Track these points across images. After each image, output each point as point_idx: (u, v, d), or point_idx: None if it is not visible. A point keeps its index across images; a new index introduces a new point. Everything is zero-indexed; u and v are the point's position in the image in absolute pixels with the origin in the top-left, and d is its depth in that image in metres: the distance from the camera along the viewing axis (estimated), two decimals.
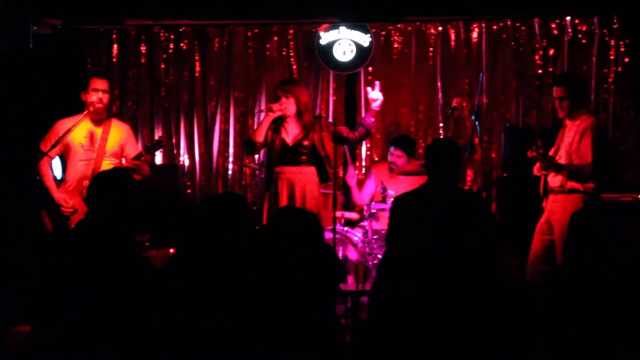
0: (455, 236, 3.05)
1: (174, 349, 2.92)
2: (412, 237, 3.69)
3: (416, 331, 2.62)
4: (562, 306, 3.07)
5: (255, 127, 5.60)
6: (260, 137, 5.38)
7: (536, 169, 5.34)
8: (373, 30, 6.71)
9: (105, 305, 3.08)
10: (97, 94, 5.31)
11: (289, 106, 5.41)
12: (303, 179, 5.46)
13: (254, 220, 3.51)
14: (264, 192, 5.55)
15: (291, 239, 2.93)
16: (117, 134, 5.41)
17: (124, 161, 5.44)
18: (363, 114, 6.42)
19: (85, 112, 5.28)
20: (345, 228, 6.17)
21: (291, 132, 5.45)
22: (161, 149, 5.59)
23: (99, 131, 5.35)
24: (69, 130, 5.26)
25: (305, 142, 5.45)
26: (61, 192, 5.30)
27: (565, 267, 3.29)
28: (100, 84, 5.36)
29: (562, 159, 5.12)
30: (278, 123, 5.45)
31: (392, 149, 6.36)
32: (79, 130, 5.29)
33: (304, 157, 5.47)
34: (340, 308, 5.32)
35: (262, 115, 5.62)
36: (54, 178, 5.40)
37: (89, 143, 5.33)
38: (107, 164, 5.30)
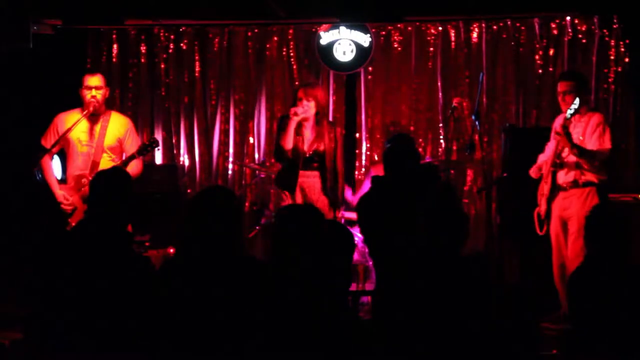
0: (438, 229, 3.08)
1: (173, 347, 2.91)
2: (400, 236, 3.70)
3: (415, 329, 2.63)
4: (582, 305, 3.08)
5: (278, 133, 5.42)
6: (289, 144, 5.30)
7: (535, 171, 5.32)
8: (373, 30, 6.71)
9: (104, 304, 3.07)
10: (90, 91, 5.28)
11: (309, 109, 5.34)
12: (314, 184, 5.44)
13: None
14: (283, 192, 5.47)
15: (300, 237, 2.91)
16: (116, 128, 5.38)
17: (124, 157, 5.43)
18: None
19: (85, 113, 5.26)
20: None
21: (307, 137, 5.41)
22: (157, 149, 5.51)
23: (97, 126, 5.33)
24: (69, 129, 5.24)
25: (321, 148, 5.40)
26: (62, 189, 5.29)
27: (586, 267, 3.29)
28: (92, 80, 5.30)
29: (569, 154, 5.10)
30: (297, 126, 5.39)
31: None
32: (78, 125, 5.27)
33: (315, 163, 5.42)
34: None
35: (285, 119, 5.41)
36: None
37: (88, 138, 5.31)
38: (105, 160, 5.29)
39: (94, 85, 5.30)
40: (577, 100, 4.99)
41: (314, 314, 2.65)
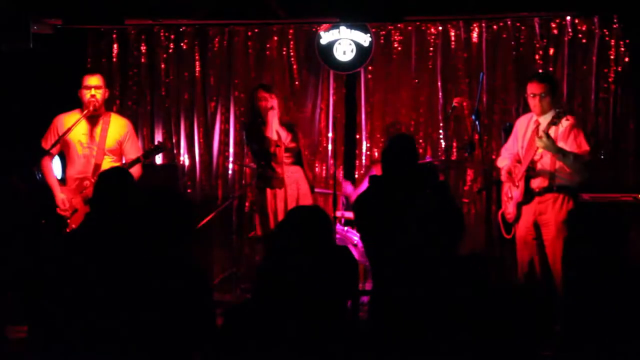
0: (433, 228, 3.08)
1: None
2: (401, 236, 3.69)
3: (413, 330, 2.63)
4: (578, 306, 3.08)
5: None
6: (274, 135, 5.67)
7: (505, 175, 5.32)
8: (373, 30, 6.71)
9: (111, 304, 3.07)
10: (90, 91, 5.29)
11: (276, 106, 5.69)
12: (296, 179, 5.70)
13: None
14: (266, 190, 5.61)
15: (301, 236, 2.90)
16: (116, 130, 5.40)
17: (124, 160, 5.44)
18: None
19: (85, 113, 5.27)
20: (345, 228, 6.17)
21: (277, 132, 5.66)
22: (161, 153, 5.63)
23: (97, 128, 5.34)
24: (68, 130, 5.25)
25: (292, 145, 5.73)
26: (63, 192, 5.29)
27: (580, 269, 3.30)
28: (91, 80, 5.32)
29: (543, 156, 5.10)
30: (263, 124, 5.60)
31: None
32: (78, 127, 5.28)
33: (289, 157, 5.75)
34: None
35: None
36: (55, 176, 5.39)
37: (89, 140, 5.32)
38: (107, 162, 5.30)
39: (94, 85, 5.31)
40: (555, 112, 5.00)
41: (311, 316, 2.65)
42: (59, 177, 5.45)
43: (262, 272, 2.82)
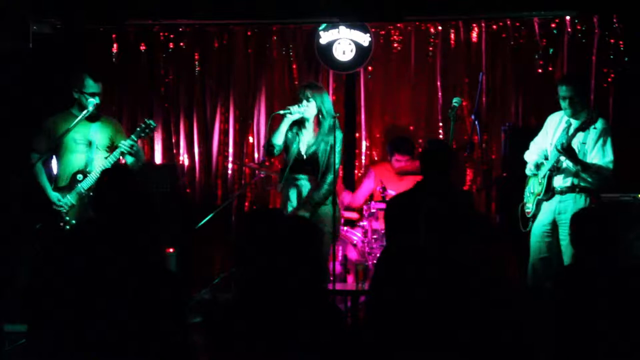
0: (447, 235, 3.08)
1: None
2: (406, 236, 3.70)
3: (410, 331, 2.63)
4: (571, 307, 3.07)
5: (270, 128, 5.25)
6: (279, 139, 5.14)
7: (531, 169, 5.32)
8: (373, 30, 6.71)
9: (111, 306, 3.06)
10: (94, 97, 5.31)
11: (309, 109, 5.14)
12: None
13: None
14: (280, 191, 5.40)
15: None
16: (109, 128, 5.43)
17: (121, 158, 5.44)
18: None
19: (84, 114, 5.27)
20: (345, 228, 6.17)
21: (306, 141, 5.19)
22: (152, 133, 5.58)
23: (91, 127, 5.36)
24: (67, 131, 5.26)
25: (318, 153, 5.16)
26: (55, 190, 5.30)
27: (574, 267, 3.30)
28: (97, 87, 5.33)
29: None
30: (297, 126, 5.21)
31: (396, 155, 6.33)
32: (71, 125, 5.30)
33: (308, 166, 5.19)
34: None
35: (282, 115, 5.21)
36: (50, 175, 5.41)
37: (82, 137, 5.34)
38: (100, 158, 5.32)
39: (99, 92, 5.33)
40: (586, 117, 4.97)
41: (289, 310, 2.68)
42: (55, 173, 5.45)
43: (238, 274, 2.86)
